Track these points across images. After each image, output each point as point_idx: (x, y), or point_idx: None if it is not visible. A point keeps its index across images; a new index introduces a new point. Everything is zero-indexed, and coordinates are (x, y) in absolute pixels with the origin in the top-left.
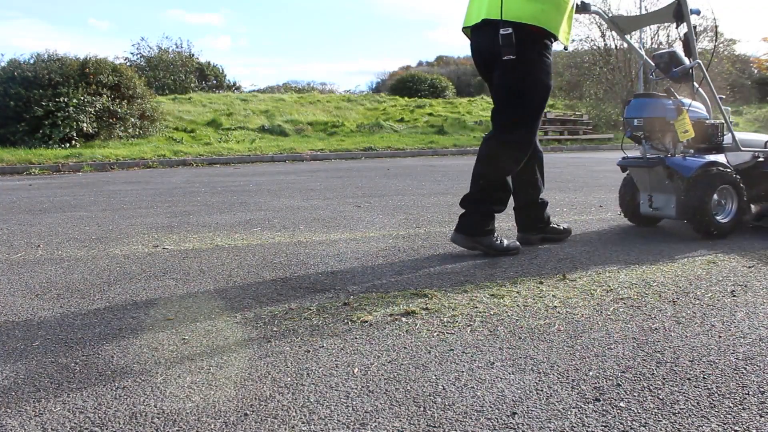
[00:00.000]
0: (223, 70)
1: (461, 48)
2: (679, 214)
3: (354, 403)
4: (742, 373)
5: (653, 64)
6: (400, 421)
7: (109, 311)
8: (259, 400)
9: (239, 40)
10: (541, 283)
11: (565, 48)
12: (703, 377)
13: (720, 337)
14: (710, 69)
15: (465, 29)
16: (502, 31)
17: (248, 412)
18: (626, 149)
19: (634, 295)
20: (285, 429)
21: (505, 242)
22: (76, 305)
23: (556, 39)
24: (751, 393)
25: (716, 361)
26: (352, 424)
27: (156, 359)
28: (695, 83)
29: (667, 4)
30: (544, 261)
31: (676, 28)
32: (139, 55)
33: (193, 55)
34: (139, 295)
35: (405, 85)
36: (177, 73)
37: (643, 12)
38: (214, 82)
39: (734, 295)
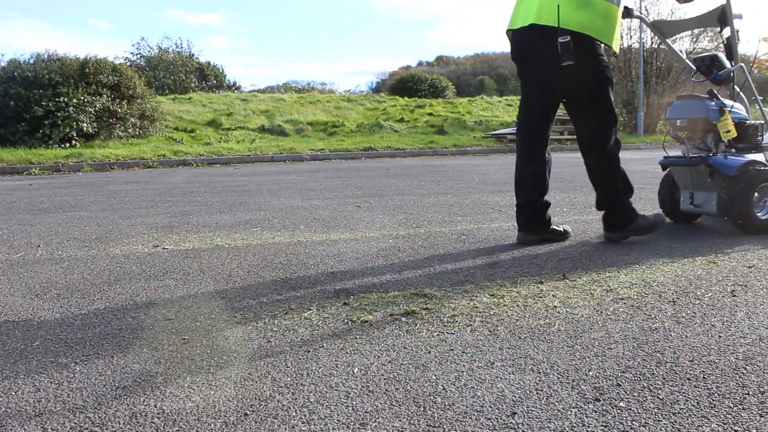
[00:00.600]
0: (223, 70)
1: (461, 48)
2: (720, 210)
3: (354, 403)
4: (742, 373)
5: (694, 68)
6: (400, 421)
7: (109, 311)
8: (259, 400)
9: (239, 40)
10: (541, 283)
11: (615, 54)
12: (703, 377)
13: (720, 337)
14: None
15: (508, 32)
16: (560, 39)
17: (248, 412)
18: (661, 148)
19: (634, 295)
20: (285, 429)
21: (648, 216)
22: (76, 305)
23: (603, 44)
24: (751, 393)
25: (716, 361)
26: (352, 424)
27: (156, 359)
28: (735, 86)
29: (711, 9)
30: (544, 261)
31: (720, 32)
32: (139, 55)
33: (193, 55)
34: (139, 295)
35: (405, 85)
36: (177, 73)
37: (643, 11)
38: (214, 82)
39: (734, 295)
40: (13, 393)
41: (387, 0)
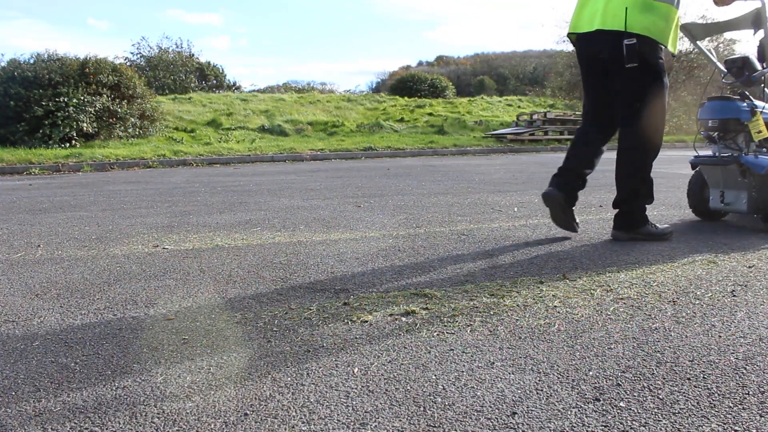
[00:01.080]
0: (223, 69)
1: (461, 48)
2: (751, 208)
3: (354, 403)
4: (742, 373)
5: (724, 70)
6: (400, 421)
7: (109, 311)
8: (259, 400)
9: (239, 40)
10: (541, 283)
11: (673, 55)
12: (703, 377)
13: (720, 337)
14: (711, 69)
15: (571, 35)
16: (626, 42)
17: (248, 412)
18: (696, 148)
19: (634, 295)
20: (285, 429)
21: (659, 227)
22: (76, 305)
23: (665, 46)
24: (751, 393)
25: (716, 361)
26: (352, 424)
27: (156, 359)
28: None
29: (744, 13)
30: (544, 261)
31: (754, 35)
32: (139, 55)
33: (193, 55)
34: (139, 295)
35: (405, 85)
36: (177, 73)
37: None
38: (214, 82)
39: (734, 295)
40: (14, 393)
41: (387, 0)
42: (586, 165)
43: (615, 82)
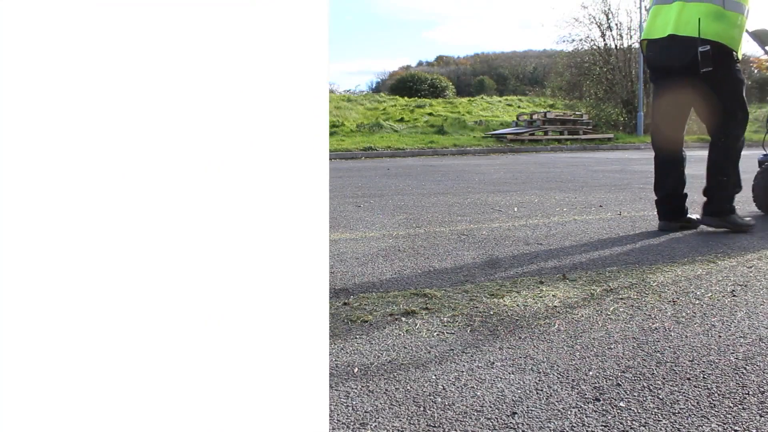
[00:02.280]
0: None
1: (461, 48)
2: None
3: (354, 403)
4: (742, 373)
5: None
6: (400, 421)
7: None
8: None
9: None
10: (541, 283)
11: (738, 60)
12: (703, 377)
13: (720, 337)
14: None
15: (643, 41)
16: (701, 49)
17: None
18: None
19: (634, 295)
20: None
21: (746, 219)
22: None
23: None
24: (751, 393)
25: (716, 361)
26: (352, 424)
27: None
28: None
29: None
30: (544, 261)
31: None
32: None
33: None
34: None
35: (405, 85)
36: None
37: (643, 12)
38: None
39: (734, 295)
40: None
41: (387, 0)
42: (680, 183)
43: (690, 87)
